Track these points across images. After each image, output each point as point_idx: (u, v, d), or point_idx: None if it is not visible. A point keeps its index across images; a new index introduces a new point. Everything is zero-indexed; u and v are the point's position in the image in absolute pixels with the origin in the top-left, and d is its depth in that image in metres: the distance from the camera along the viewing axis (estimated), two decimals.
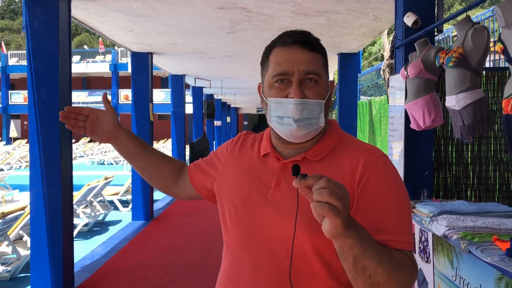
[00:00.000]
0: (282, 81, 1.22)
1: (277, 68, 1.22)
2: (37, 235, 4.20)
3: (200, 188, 1.47)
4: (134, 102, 7.75)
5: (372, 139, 8.61)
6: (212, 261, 5.38)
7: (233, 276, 1.27)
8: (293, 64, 1.20)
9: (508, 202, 3.90)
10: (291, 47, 1.22)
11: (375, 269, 1.03)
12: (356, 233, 1.01)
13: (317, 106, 1.21)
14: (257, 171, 1.30)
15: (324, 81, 1.24)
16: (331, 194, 0.94)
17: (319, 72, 1.22)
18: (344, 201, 0.96)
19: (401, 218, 1.16)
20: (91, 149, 24.69)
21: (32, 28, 4.13)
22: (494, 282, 2.16)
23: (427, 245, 2.98)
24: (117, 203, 9.22)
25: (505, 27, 2.13)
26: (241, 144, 1.40)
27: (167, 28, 6.08)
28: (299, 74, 1.20)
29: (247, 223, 1.25)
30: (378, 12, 5.10)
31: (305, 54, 1.21)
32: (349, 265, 1.04)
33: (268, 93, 1.25)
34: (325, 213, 0.94)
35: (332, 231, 0.97)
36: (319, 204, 0.94)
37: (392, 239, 1.12)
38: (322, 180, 0.96)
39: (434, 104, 3.33)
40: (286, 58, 1.21)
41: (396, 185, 1.20)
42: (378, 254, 1.04)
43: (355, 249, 1.01)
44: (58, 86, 4.16)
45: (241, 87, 15.08)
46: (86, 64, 30.39)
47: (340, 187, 0.97)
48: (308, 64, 1.21)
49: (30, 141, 4.21)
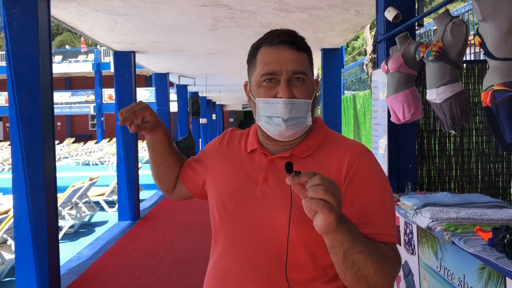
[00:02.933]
0: (270, 80, 1.24)
1: (265, 67, 1.23)
2: (21, 238, 4.15)
3: (191, 188, 1.49)
4: (118, 102, 7.69)
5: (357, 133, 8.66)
6: (200, 260, 5.37)
7: (222, 271, 1.28)
8: (281, 64, 1.22)
9: (491, 193, 3.97)
10: (279, 47, 1.23)
11: (364, 262, 1.06)
12: (347, 228, 1.03)
13: (305, 105, 1.24)
14: (245, 167, 1.32)
15: (310, 80, 1.27)
16: (326, 191, 0.96)
17: (306, 72, 1.24)
18: (338, 197, 0.99)
19: (385, 211, 1.19)
20: (75, 149, 24.44)
21: (11, 29, 4.06)
22: (477, 272, 2.19)
23: (412, 237, 3.02)
24: (103, 203, 9.15)
25: (482, 20, 2.16)
26: (228, 141, 1.42)
27: (149, 27, 6.03)
28: (287, 73, 1.22)
29: (236, 218, 1.27)
30: (359, 7, 5.13)
31: (293, 54, 1.23)
32: (339, 259, 1.07)
33: (256, 92, 1.26)
34: (320, 210, 0.96)
35: (326, 227, 0.99)
36: (314, 201, 0.96)
37: (377, 232, 1.16)
38: (316, 177, 0.98)
39: (413, 99, 3.36)
40: (274, 57, 1.23)
41: (381, 180, 1.23)
42: (367, 248, 1.07)
43: (346, 244, 1.04)
44: (39, 88, 4.10)
45: (225, 84, 15.04)
46: (68, 64, 29.97)
47: (334, 184, 0.99)
48: (296, 63, 1.23)
49: (12, 143, 4.14)
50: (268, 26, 5.90)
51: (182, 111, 14.29)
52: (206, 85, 13.88)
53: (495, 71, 2.12)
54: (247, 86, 1.33)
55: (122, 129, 7.63)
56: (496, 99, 2.09)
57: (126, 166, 7.73)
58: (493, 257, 1.97)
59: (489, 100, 2.13)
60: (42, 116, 4.13)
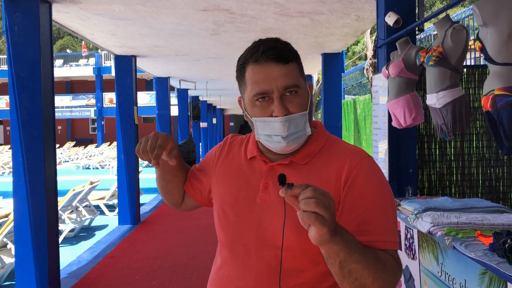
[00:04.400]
0: (263, 99, 1.21)
1: (256, 87, 1.20)
2: (21, 242, 4.14)
3: (198, 198, 1.48)
4: (119, 106, 7.70)
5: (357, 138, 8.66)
6: (200, 264, 5.36)
7: (223, 277, 1.29)
8: (271, 82, 1.19)
9: (491, 198, 3.96)
10: (265, 64, 1.19)
11: (361, 272, 1.06)
12: (342, 239, 1.03)
13: (302, 118, 1.22)
14: (245, 174, 1.31)
15: (303, 89, 1.24)
16: (317, 204, 0.95)
17: (297, 83, 1.21)
18: (330, 209, 0.98)
19: (385, 218, 1.18)
20: (76, 153, 24.43)
21: (13, 33, 4.07)
22: (478, 277, 2.19)
23: (413, 242, 3.02)
24: (103, 207, 9.14)
25: (483, 25, 2.17)
26: (228, 148, 1.42)
27: (150, 31, 6.05)
28: (278, 90, 1.19)
29: (237, 225, 1.27)
30: (360, 12, 5.14)
31: (281, 69, 1.19)
32: (336, 269, 1.07)
33: (251, 111, 1.25)
34: (311, 223, 0.96)
35: (319, 239, 0.99)
36: (306, 214, 0.96)
37: (376, 240, 1.14)
38: (308, 189, 0.97)
39: (414, 103, 3.36)
40: (263, 76, 1.19)
41: (381, 186, 1.22)
42: (364, 257, 1.06)
43: (341, 255, 1.03)
44: (40, 91, 4.11)
45: (226, 88, 15.04)
46: (69, 68, 30.04)
47: (326, 196, 0.99)
48: (286, 78, 1.19)
49: (12, 147, 4.15)
50: (269, 31, 5.91)
51: (183, 115, 14.29)
52: (206, 89, 13.89)
53: (495, 76, 2.13)
54: (241, 102, 1.31)
55: (123, 133, 7.64)
56: (496, 103, 2.09)
57: (126, 170, 7.73)
58: (494, 262, 1.97)
59: (489, 105, 2.14)
60: (43, 119, 4.13)
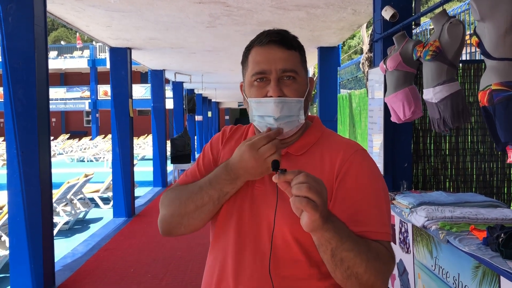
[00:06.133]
0: (261, 80, 1.25)
1: (255, 67, 1.25)
2: (16, 234, 4.13)
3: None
4: (114, 98, 7.66)
5: (352, 132, 8.68)
6: (194, 257, 5.37)
7: (219, 266, 1.29)
8: (270, 63, 1.23)
9: (485, 192, 3.99)
10: (268, 46, 1.25)
11: (353, 260, 1.07)
12: (334, 226, 1.04)
13: (297, 103, 1.24)
14: None
15: (302, 77, 1.27)
16: (309, 188, 0.97)
17: (296, 69, 1.25)
18: (322, 195, 0.99)
19: (378, 209, 1.20)
20: (70, 146, 24.33)
21: (6, 24, 4.03)
22: (471, 271, 2.21)
23: (407, 236, 3.03)
24: (98, 200, 9.12)
25: (480, 20, 2.17)
26: (229, 137, 1.42)
27: (146, 23, 6.01)
28: (276, 72, 1.23)
29: (233, 215, 1.28)
30: (356, 6, 5.13)
31: (282, 53, 1.24)
32: (328, 257, 1.08)
33: (249, 92, 1.28)
34: (303, 207, 0.97)
35: (311, 225, 1.00)
36: (298, 199, 0.98)
37: (369, 230, 1.16)
38: (300, 175, 0.99)
39: (413, 97, 3.37)
40: (264, 57, 1.24)
41: (374, 177, 1.23)
42: (356, 245, 1.08)
43: (333, 242, 1.05)
44: (34, 83, 4.08)
45: (221, 82, 15.02)
46: (63, 59, 29.80)
47: (318, 182, 1.00)
48: (285, 62, 1.24)
49: (6, 139, 4.12)
50: (265, 24, 5.89)
51: (178, 108, 14.26)
52: (202, 82, 13.86)
53: (492, 71, 2.13)
54: (242, 87, 1.34)
55: (118, 126, 7.61)
56: (493, 98, 2.10)
57: (121, 163, 7.71)
58: (487, 256, 1.98)
59: (486, 100, 2.14)
60: (37, 112, 4.11)
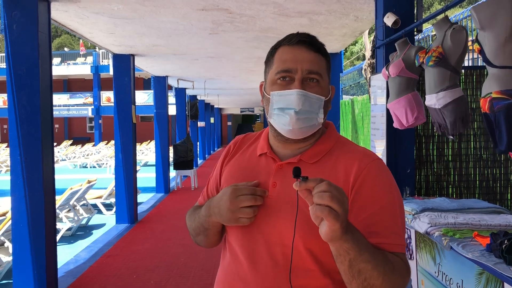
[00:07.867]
0: (284, 79, 1.24)
1: (281, 65, 1.24)
2: (19, 240, 4.14)
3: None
4: (117, 104, 7.69)
5: (355, 138, 8.67)
6: (198, 263, 5.36)
7: (231, 274, 1.28)
8: (297, 62, 1.23)
9: (488, 198, 3.98)
10: (297, 46, 1.25)
11: (370, 272, 1.05)
12: (353, 237, 1.03)
13: (317, 101, 1.23)
14: (253, 171, 1.31)
15: (325, 82, 1.27)
16: (332, 198, 0.96)
17: (321, 73, 1.25)
18: (344, 205, 0.98)
19: (394, 221, 1.18)
20: (73, 152, 24.37)
21: (11, 31, 4.06)
22: (475, 277, 2.20)
23: (410, 242, 3.03)
24: (101, 206, 9.13)
25: (481, 29, 2.18)
26: (238, 146, 1.41)
27: (149, 30, 6.04)
28: (302, 72, 1.22)
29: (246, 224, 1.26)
30: (358, 12, 5.15)
31: (310, 54, 1.24)
32: (345, 268, 1.06)
33: (270, 89, 1.27)
34: (324, 216, 0.96)
35: (330, 235, 0.99)
36: (319, 207, 0.96)
37: (385, 242, 1.14)
38: (323, 183, 0.98)
39: (416, 103, 3.37)
40: (291, 56, 1.24)
41: (390, 189, 1.21)
42: (374, 257, 1.06)
43: (351, 253, 1.03)
44: (38, 90, 4.10)
45: (224, 88, 15.04)
46: (67, 66, 29.92)
47: (340, 192, 0.99)
48: (312, 63, 1.23)
49: (10, 145, 4.14)
50: (268, 31, 5.91)
51: (181, 114, 14.30)
52: (204, 88, 13.89)
53: (493, 79, 2.14)
54: (262, 86, 1.34)
55: (121, 132, 7.63)
56: (494, 106, 2.10)
57: (124, 169, 7.72)
58: (491, 262, 1.98)
59: (487, 107, 2.15)
60: (41, 118, 4.13)
